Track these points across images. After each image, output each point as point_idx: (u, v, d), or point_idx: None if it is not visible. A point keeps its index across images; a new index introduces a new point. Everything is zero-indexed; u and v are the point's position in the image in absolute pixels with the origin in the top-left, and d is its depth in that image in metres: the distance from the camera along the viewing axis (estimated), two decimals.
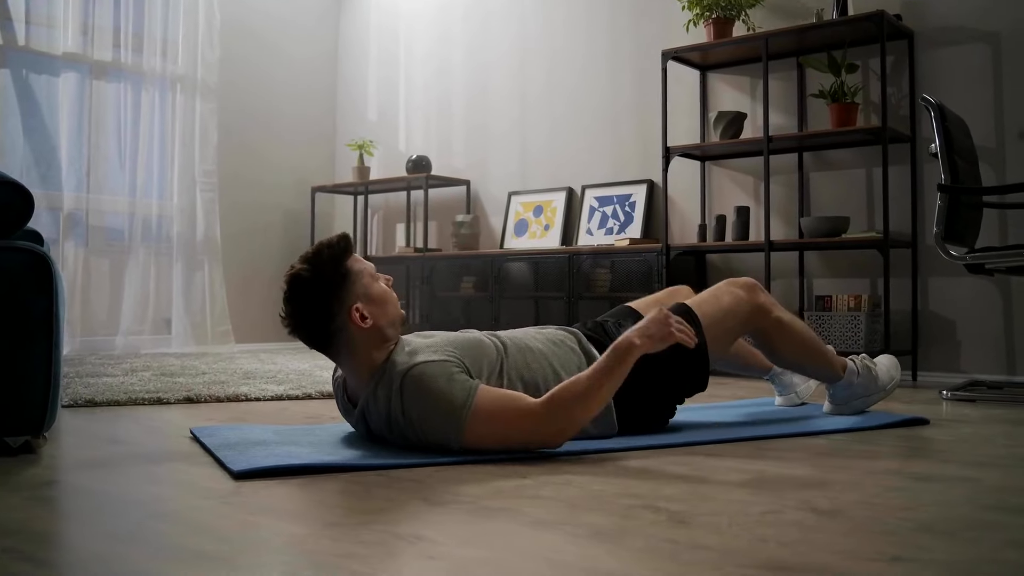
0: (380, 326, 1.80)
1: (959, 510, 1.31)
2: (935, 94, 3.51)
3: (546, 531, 1.19)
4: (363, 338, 1.79)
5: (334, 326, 1.78)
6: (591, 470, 1.61)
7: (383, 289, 1.84)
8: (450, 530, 1.20)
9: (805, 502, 1.36)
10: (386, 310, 1.82)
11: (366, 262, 1.86)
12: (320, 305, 1.77)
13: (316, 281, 1.77)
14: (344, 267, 1.79)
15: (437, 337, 1.87)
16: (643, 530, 1.19)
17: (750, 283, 2.21)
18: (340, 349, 1.81)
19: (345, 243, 1.82)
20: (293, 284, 1.78)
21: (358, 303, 1.78)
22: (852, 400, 2.33)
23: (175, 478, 1.58)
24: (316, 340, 1.81)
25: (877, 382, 2.34)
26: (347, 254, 1.81)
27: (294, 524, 1.24)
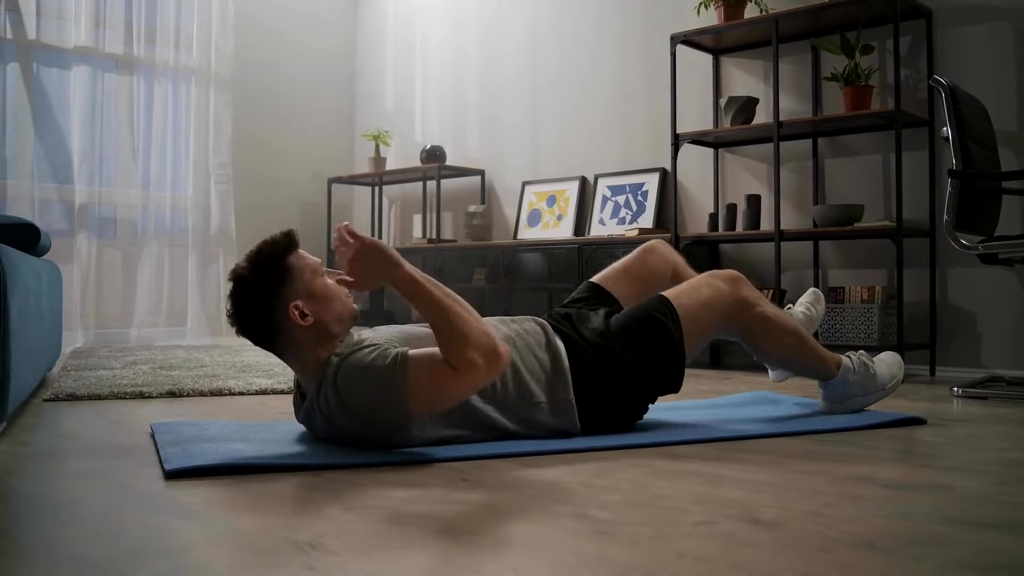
0: (323, 322, 1.73)
1: (913, 523, 1.20)
2: (954, 75, 3.35)
3: (450, 540, 1.11)
4: (305, 336, 1.72)
5: (274, 324, 1.71)
6: (538, 473, 1.53)
7: (327, 285, 1.75)
8: (352, 538, 1.13)
9: (749, 511, 1.26)
10: (330, 307, 1.74)
11: (312, 258, 1.78)
12: (259, 303, 1.71)
13: (255, 279, 1.70)
14: (284, 264, 1.72)
15: (383, 330, 1.80)
16: (557, 541, 1.11)
17: (733, 275, 2.10)
18: (283, 347, 1.75)
19: (287, 240, 1.75)
20: (234, 282, 1.72)
21: (298, 300, 1.70)
22: (847, 399, 2.21)
23: (108, 477, 1.53)
24: (259, 338, 1.75)
25: (876, 380, 2.22)
26: (289, 251, 1.74)
27: (199, 528, 1.18)
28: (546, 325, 1.96)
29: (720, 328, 2.09)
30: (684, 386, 2.98)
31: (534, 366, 1.87)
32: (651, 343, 1.94)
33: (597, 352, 1.91)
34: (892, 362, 2.31)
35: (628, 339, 1.93)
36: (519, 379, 1.84)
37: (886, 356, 2.33)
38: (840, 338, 3.40)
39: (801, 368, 2.21)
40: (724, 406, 2.42)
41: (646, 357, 1.93)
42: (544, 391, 1.86)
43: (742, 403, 2.48)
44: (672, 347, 1.94)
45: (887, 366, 2.29)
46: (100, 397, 2.60)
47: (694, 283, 2.09)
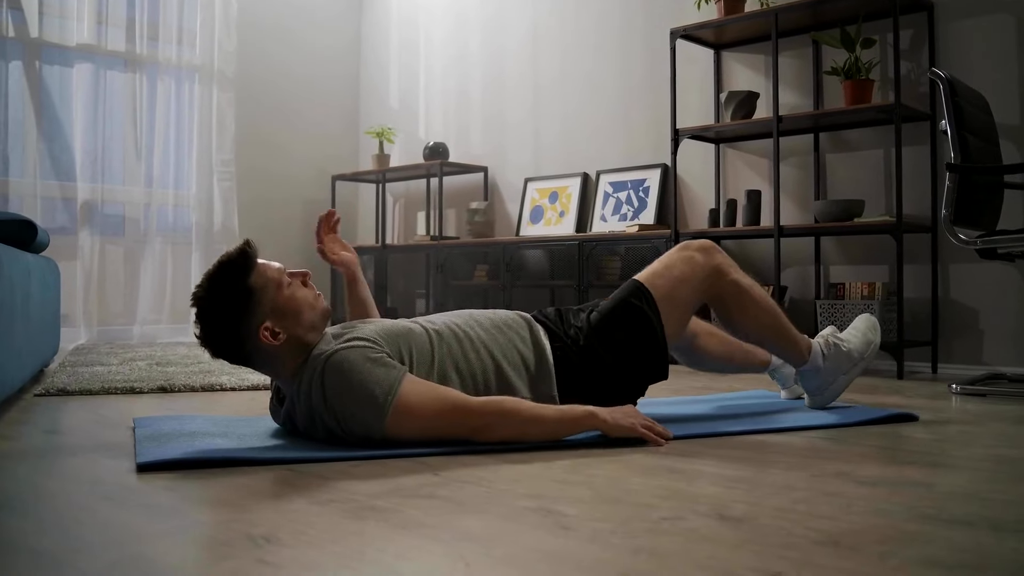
0: (296, 336, 1.70)
1: (886, 520, 1.17)
2: (956, 68, 3.30)
3: (408, 534, 1.09)
4: (281, 351, 1.69)
5: (247, 349, 1.68)
6: (512, 469, 1.51)
7: (293, 298, 1.70)
8: (309, 532, 1.11)
9: (717, 508, 1.24)
10: (300, 319, 1.70)
11: (273, 268, 1.71)
12: (228, 330, 1.66)
13: (219, 307, 1.65)
14: (246, 285, 1.65)
15: (361, 326, 1.78)
16: (516, 537, 1.09)
17: (706, 244, 2.02)
18: (259, 365, 1.72)
19: (243, 258, 1.68)
20: (197, 309, 1.67)
21: (267, 322, 1.66)
22: (826, 388, 2.12)
23: (80, 472, 1.52)
24: (235, 360, 1.71)
25: (851, 356, 2.12)
26: (249, 270, 1.67)
27: (158, 521, 1.17)
28: (531, 320, 1.93)
29: (698, 302, 2.01)
30: (678, 383, 2.97)
31: (516, 361, 1.85)
32: (629, 333, 1.90)
33: (579, 350, 1.89)
34: (866, 328, 2.20)
35: (607, 333, 1.90)
36: (501, 374, 1.82)
37: (859, 322, 2.23)
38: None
39: (774, 345, 2.11)
40: (716, 403, 2.39)
41: (626, 349, 1.89)
42: (527, 387, 1.84)
43: (735, 400, 2.44)
44: (651, 333, 1.90)
45: (860, 333, 2.18)
46: (91, 392, 2.60)
47: (666, 260, 2.01)
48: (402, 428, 1.62)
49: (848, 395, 2.61)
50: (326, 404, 1.64)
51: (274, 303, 1.67)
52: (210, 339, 1.68)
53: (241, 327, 1.65)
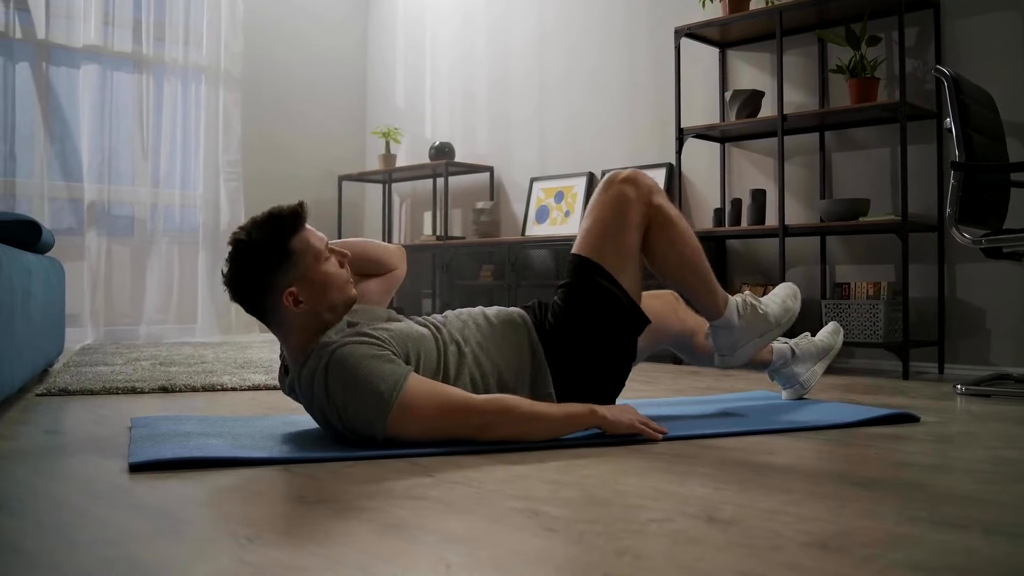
0: (317, 311, 1.71)
1: (876, 523, 1.16)
2: (963, 66, 3.27)
3: (393, 535, 1.09)
4: (296, 320, 1.71)
5: (266, 303, 1.70)
6: (505, 469, 1.50)
7: (326, 273, 1.71)
8: (294, 532, 1.11)
9: (707, 509, 1.22)
10: (326, 295, 1.71)
11: (316, 237, 1.73)
12: (255, 280, 1.68)
13: (254, 254, 1.67)
14: (287, 245, 1.68)
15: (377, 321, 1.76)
16: (501, 539, 1.08)
17: (631, 175, 1.91)
18: (272, 323, 1.74)
19: (294, 218, 1.70)
20: (233, 249, 1.69)
21: (294, 286, 1.68)
22: (738, 347, 2.04)
23: (74, 471, 1.52)
24: (250, 309, 1.73)
25: (767, 321, 2.05)
26: (295, 230, 1.69)
27: (146, 521, 1.17)
28: (526, 318, 1.92)
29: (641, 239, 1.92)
30: (681, 383, 2.96)
31: (514, 362, 1.84)
32: (590, 306, 1.87)
33: (559, 338, 1.87)
34: (785, 295, 2.15)
35: (573, 315, 1.87)
36: (500, 376, 1.81)
37: (779, 289, 2.18)
38: (845, 335, 3.32)
39: (693, 291, 2.00)
40: (717, 403, 2.37)
41: (596, 321, 1.86)
42: (527, 388, 1.83)
43: (736, 401, 2.43)
44: (607, 295, 1.87)
45: (780, 300, 2.12)
46: (92, 392, 2.61)
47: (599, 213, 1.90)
48: (405, 426, 1.61)
49: (848, 395, 2.59)
50: (328, 398, 1.64)
51: (307, 271, 1.69)
52: (235, 282, 1.69)
53: (267, 282, 1.67)
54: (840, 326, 2.44)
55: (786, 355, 2.30)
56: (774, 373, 2.34)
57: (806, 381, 2.33)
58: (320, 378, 1.64)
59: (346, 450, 1.61)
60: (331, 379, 1.62)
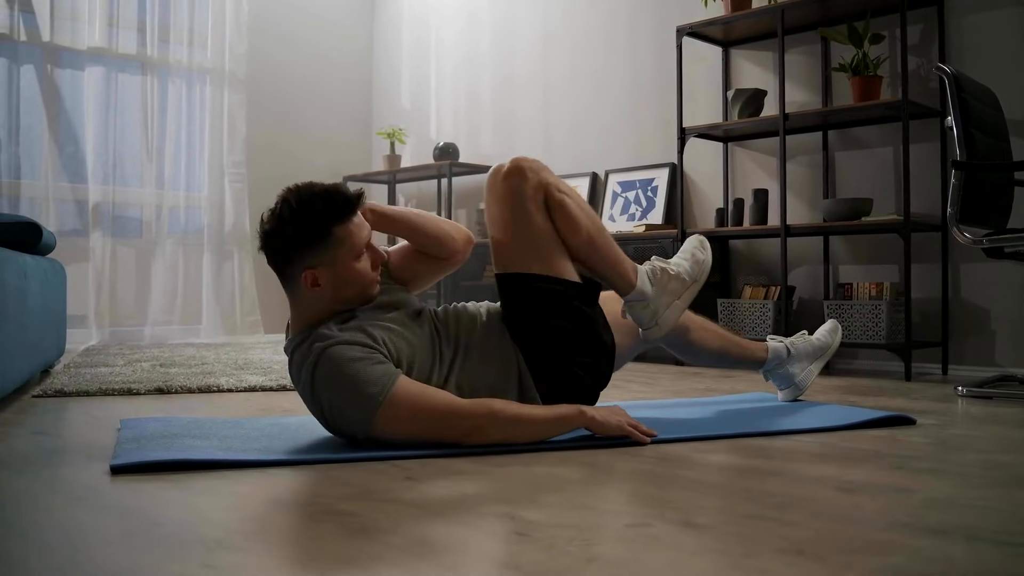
0: (328, 297, 1.71)
1: (857, 528, 1.13)
2: (967, 64, 3.23)
3: (362, 539, 1.07)
4: (308, 296, 1.71)
5: (287, 270, 1.71)
6: (486, 473, 1.48)
7: (354, 271, 1.70)
8: (263, 535, 1.09)
9: (687, 514, 1.21)
10: (344, 290, 1.71)
11: (364, 233, 1.70)
12: (286, 247, 1.68)
13: (296, 223, 1.66)
14: (328, 228, 1.66)
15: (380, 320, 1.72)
16: (471, 542, 1.07)
17: (513, 165, 1.85)
18: (287, 287, 1.74)
19: (347, 204, 1.67)
20: (281, 206, 1.68)
21: (318, 268, 1.67)
22: (659, 315, 1.94)
23: (56, 473, 1.52)
24: (273, 267, 1.73)
25: (680, 279, 1.96)
26: (344, 217, 1.67)
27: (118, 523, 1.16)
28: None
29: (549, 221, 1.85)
30: (680, 384, 2.94)
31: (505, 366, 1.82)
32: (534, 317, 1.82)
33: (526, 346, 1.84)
34: (692, 248, 2.06)
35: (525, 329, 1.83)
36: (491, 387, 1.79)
37: (686, 244, 2.09)
38: (848, 336, 3.30)
39: (596, 269, 1.91)
40: (712, 405, 2.35)
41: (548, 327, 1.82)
42: (516, 392, 1.81)
43: (731, 403, 2.41)
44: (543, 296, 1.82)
45: (688, 255, 2.04)
46: (88, 394, 2.61)
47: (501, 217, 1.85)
48: (390, 429, 1.60)
49: (848, 397, 2.56)
50: (313, 394, 1.64)
51: (336, 262, 1.68)
52: (269, 236, 1.69)
53: (297, 253, 1.67)
54: (839, 324, 2.41)
55: (781, 354, 2.27)
56: (769, 373, 2.32)
57: (802, 381, 2.30)
58: (308, 371, 1.64)
59: (330, 452, 1.60)
60: (318, 376, 1.62)
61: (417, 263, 1.90)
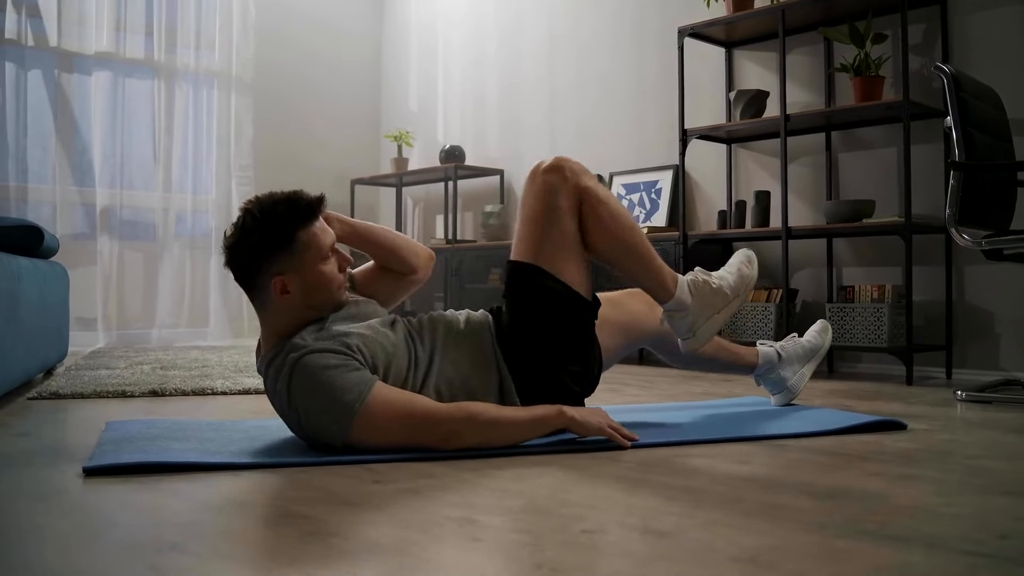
0: (299, 304, 1.70)
1: (818, 536, 1.11)
2: (971, 63, 3.19)
3: (314, 544, 1.06)
4: (279, 307, 1.70)
5: (255, 281, 1.70)
6: (455, 476, 1.47)
7: (322, 274, 1.70)
8: (218, 539, 1.09)
9: (647, 520, 1.19)
10: (315, 295, 1.70)
11: (327, 236, 1.71)
12: (251, 256, 1.67)
13: (260, 230, 1.66)
14: (292, 233, 1.66)
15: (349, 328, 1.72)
16: (422, 548, 1.05)
17: (555, 164, 1.84)
18: (257, 301, 1.73)
19: (310, 208, 1.69)
20: (242, 217, 1.68)
21: (286, 275, 1.67)
22: (697, 327, 1.91)
23: (29, 475, 1.52)
24: (239, 279, 1.72)
25: (722, 294, 1.94)
26: (307, 221, 1.68)
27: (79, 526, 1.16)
28: (491, 324, 1.88)
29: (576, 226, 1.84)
30: (675, 388, 2.91)
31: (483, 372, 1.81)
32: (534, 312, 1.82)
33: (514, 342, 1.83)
34: (739, 261, 2.04)
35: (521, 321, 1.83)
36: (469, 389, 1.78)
37: (733, 258, 2.08)
38: (850, 339, 3.26)
39: (633, 275, 1.89)
40: (702, 409, 2.33)
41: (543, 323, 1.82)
42: (495, 397, 1.80)
43: (723, 407, 2.38)
44: (551, 294, 1.81)
45: (735, 268, 2.02)
46: (82, 396, 2.62)
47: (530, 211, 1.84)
48: (368, 436, 1.59)
49: (844, 401, 2.53)
50: (290, 403, 1.63)
51: (304, 266, 1.68)
52: (234, 249, 1.68)
53: (263, 262, 1.67)
54: (828, 324, 2.38)
55: (772, 359, 2.24)
56: (760, 378, 2.29)
57: (794, 385, 2.28)
58: (284, 382, 1.63)
59: (304, 455, 1.60)
60: (294, 385, 1.61)
61: (381, 280, 1.93)
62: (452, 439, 1.62)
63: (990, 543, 1.08)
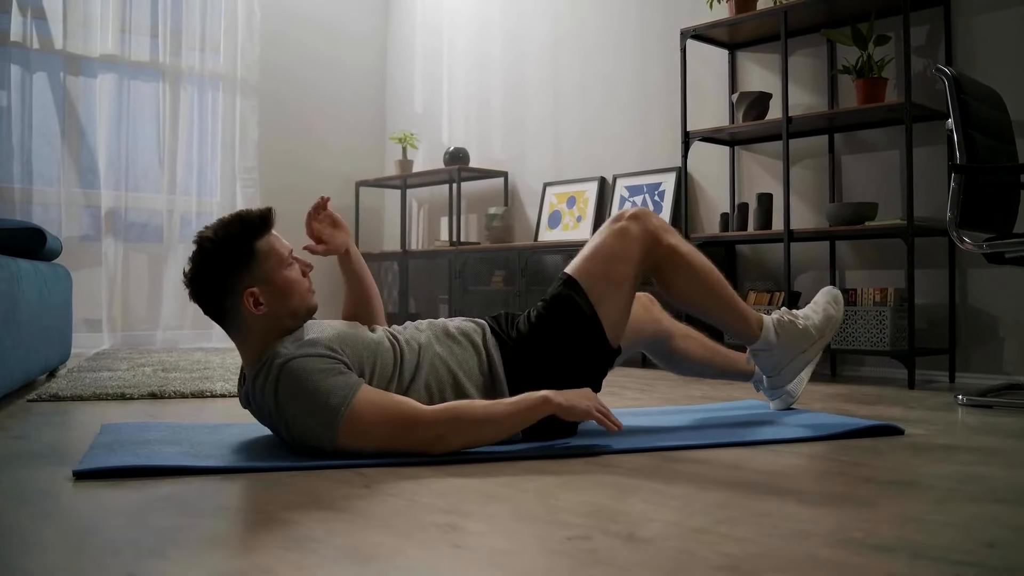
0: (276, 315, 1.70)
1: (802, 544, 1.10)
2: (976, 65, 3.17)
3: (293, 551, 1.06)
4: (256, 324, 1.70)
5: (226, 304, 1.69)
6: (443, 481, 1.47)
7: (288, 279, 1.72)
8: (196, 544, 1.08)
9: (633, 526, 1.18)
10: (287, 301, 1.71)
11: (283, 245, 1.74)
12: (217, 279, 1.68)
13: (217, 253, 1.67)
14: (251, 245, 1.68)
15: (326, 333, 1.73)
16: (401, 556, 1.05)
17: (638, 211, 1.90)
18: (231, 327, 1.73)
19: (261, 220, 1.71)
20: (197, 248, 1.69)
21: (255, 288, 1.67)
22: (782, 367, 1.99)
23: (18, 478, 1.52)
24: (209, 311, 1.73)
25: (807, 334, 1.99)
26: (261, 232, 1.70)
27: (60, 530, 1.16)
28: (485, 326, 1.89)
29: (639, 273, 1.89)
30: (674, 392, 2.90)
31: (473, 371, 1.81)
32: (563, 323, 1.83)
33: (523, 351, 1.84)
34: (826, 301, 2.08)
35: (543, 327, 1.84)
36: (457, 384, 1.79)
37: (819, 296, 2.10)
38: (852, 342, 3.24)
39: (718, 317, 1.99)
40: (700, 414, 2.31)
41: (564, 342, 1.83)
42: (483, 396, 1.80)
43: (720, 412, 2.37)
44: (583, 319, 1.83)
45: (820, 308, 2.05)
46: (82, 398, 2.63)
47: (598, 239, 1.90)
48: (354, 440, 1.58)
49: (844, 405, 2.51)
50: (278, 411, 1.63)
51: (270, 274, 1.69)
52: (197, 279, 1.69)
53: (229, 281, 1.67)
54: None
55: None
56: (758, 383, 2.28)
57: (793, 389, 2.26)
58: (271, 391, 1.62)
59: (293, 459, 1.60)
60: (281, 392, 1.61)
61: None
62: (440, 443, 1.61)
63: (977, 552, 1.07)
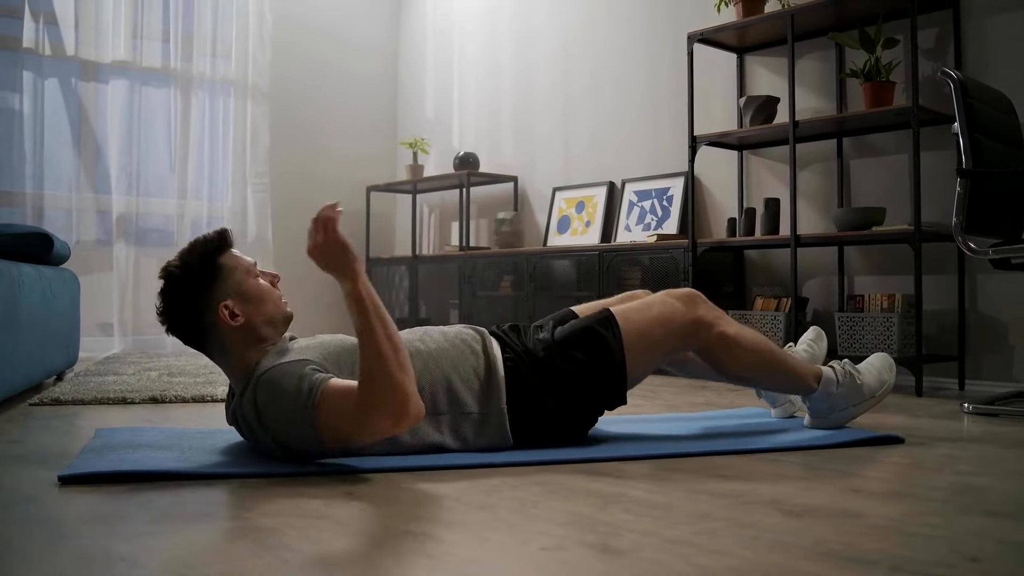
0: (254, 324, 1.71)
1: (782, 556, 1.08)
2: (985, 68, 3.12)
3: (260, 558, 1.05)
4: (235, 337, 1.70)
5: (204, 323, 1.70)
6: (430, 488, 1.46)
7: (259, 286, 1.75)
8: (171, 552, 1.08)
9: (609, 537, 1.16)
10: (261, 308, 1.73)
11: (245, 258, 1.78)
12: (189, 301, 1.70)
13: (184, 276, 1.70)
14: (215, 262, 1.72)
15: (306, 344, 1.74)
16: (370, 565, 1.04)
17: (690, 294, 1.98)
18: (212, 348, 1.73)
19: (219, 238, 1.75)
20: (165, 280, 1.72)
21: (228, 300, 1.69)
22: (833, 412, 2.06)
23: (9, 482, 1.53)
24: (189, 338, 1.74)
25: (862, 390, 2.06)
26: (221, 250, 1.74)
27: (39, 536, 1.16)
28: (484, 333, 1.89)
29: (675, 348, 1.98)
30: (677, 399, 2.87)
31: (467, 374, 1.80)
32: (588, 355, 1.85)
33: (534, 363, 1.84)
34: (881, 367, 2.14)
35: (566, 350, 1.86)
36: (450, 386, 1.77)
37: (875, 359, 2.16)
38: (859, 348, 3.20)
39: (771, 384, 2.10)
40: (701, 421, 2.29)
41: (582, 369, 1.84)
42: (476, 400, 1.79)
43: (721, 419, 2.34)
44: (610, 360, 1.85)
45: (876, 371, 2.12)
46: (83, 402, 2.64)
47: (648, 300, 1.99)
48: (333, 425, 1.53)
49: None
50: (259, 418, 1.62)
51: (240, 285, 1.72)
52: (170, 307, 1.71)
53: (202, 299, 1.69)
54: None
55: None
56: (761, 391, 2.25)
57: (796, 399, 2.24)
58: (250, 404, 1.62)
59: (279, 466, 1.59)
60: (260, 402, 1.60)
61: None
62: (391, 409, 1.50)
63: (959, 566, 1.04)
